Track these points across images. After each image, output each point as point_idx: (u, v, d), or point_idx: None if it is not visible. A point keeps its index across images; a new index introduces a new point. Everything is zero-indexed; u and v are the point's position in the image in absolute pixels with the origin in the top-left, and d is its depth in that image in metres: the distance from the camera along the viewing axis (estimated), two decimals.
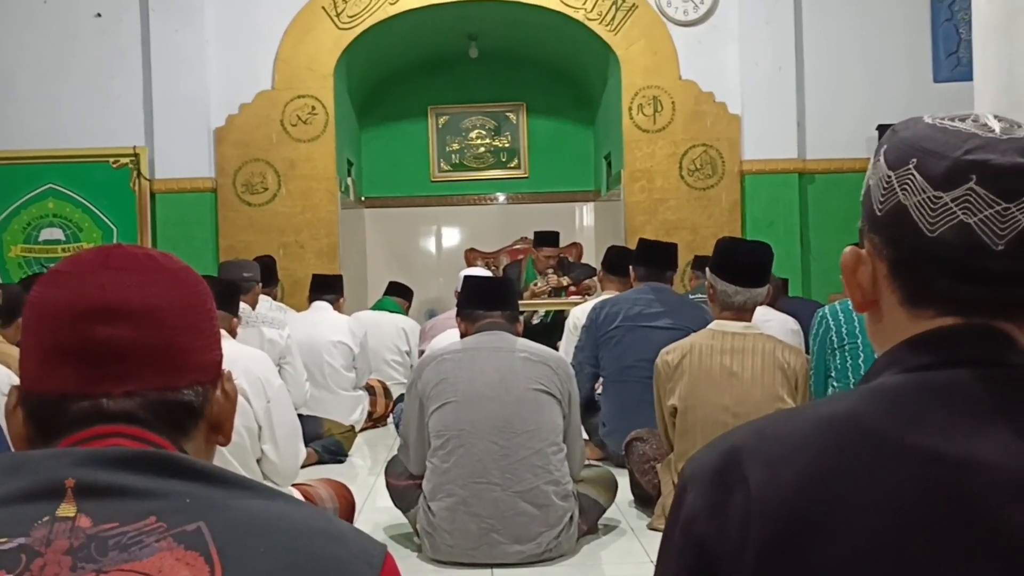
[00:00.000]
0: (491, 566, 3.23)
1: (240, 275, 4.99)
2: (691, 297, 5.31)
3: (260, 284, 5.36)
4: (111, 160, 7.08)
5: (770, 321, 4.63)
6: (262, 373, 3.15)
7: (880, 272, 0.89)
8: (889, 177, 0.87)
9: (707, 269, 3.54)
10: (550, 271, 7.29)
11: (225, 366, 0.98)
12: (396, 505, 3.54)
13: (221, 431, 0.96)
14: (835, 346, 4.08)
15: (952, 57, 7.27)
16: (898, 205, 0.85)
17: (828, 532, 0.77)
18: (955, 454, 0.77)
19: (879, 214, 0.87)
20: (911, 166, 0.85)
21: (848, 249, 0.93)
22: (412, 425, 3.40)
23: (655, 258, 4.82)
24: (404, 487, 3.47)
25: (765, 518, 0.79)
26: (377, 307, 6.85)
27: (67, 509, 0.79)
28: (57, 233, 7.08)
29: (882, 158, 0.89)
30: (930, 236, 0.83)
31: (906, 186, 0.85)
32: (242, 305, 4.76)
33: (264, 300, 5.48)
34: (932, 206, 0.83)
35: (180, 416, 0.90)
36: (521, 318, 3.67)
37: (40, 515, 0.78)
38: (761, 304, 3.58)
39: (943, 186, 0.83)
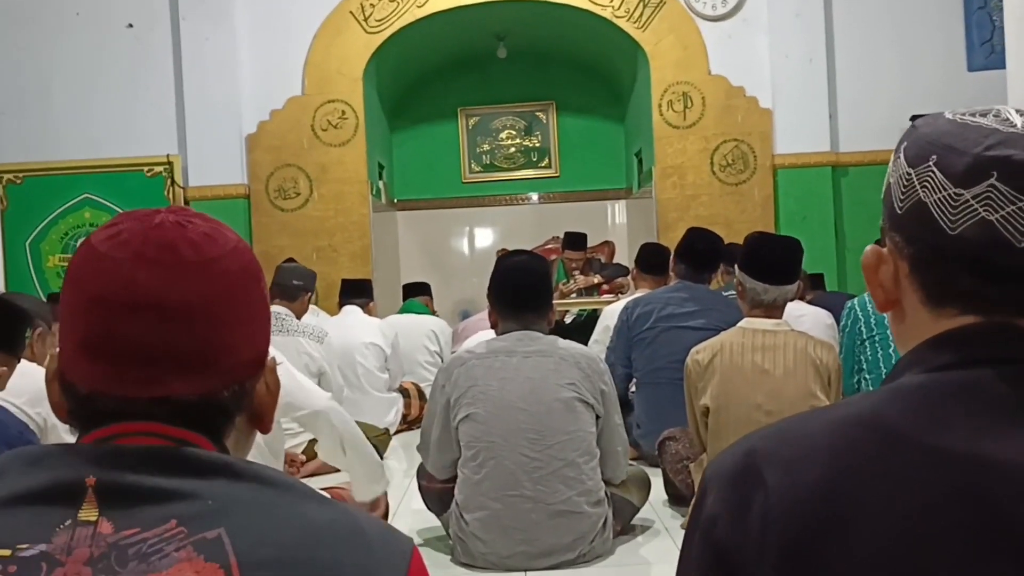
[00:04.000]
0: (525, 569, 3.23)
1: (289, 281, 4.95)
2: (724, 294, 5.25)
3: (310, 294, 5.29)
4: (145, 169, 7.16)
5: (804, 316, 4.57)
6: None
7: (902, 271, 0.88)
8: (909, 174, 0.85)
9: (736, 266, 3.51)
10: (577, 272, 7.28)
11: None
12: (429, 508, 3.53)
13: (262, 422, 0.93)
14: (863, 337, 4.04)
15: (986, 45, 7.16)
16: (918, 203, 0.84)
17: (848, 534, 0.76)
18: (977, 454, 0.75)
19: (899, 212, 0.86)
20: (931, 163, 0.83)
21: (869, 248, 0.92)
22: (435, 424, 3.33)
23: (699, 256, 4.67)
24: (437, 491, 3.45)
25: (784, 521, 0.78)
26: (404, 311, 6.87)
27: (88, 513, 0.78)
28: None
29: (902, 155, 0.88)
30: (951, 234, 0.82)
31: (926, 183, 0.83)
32: (282, 310, 4.77)
33: (312, 312, 5.44)
34: (953, 203, 0.82)
35: (214, 417, 0.88)
36: (554, 306, 3.59)
37: (61, 519, 0.78)
38: (792, 300, 3.55)
39: (964, 183, 0.81)
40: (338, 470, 4.78)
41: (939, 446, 0.77)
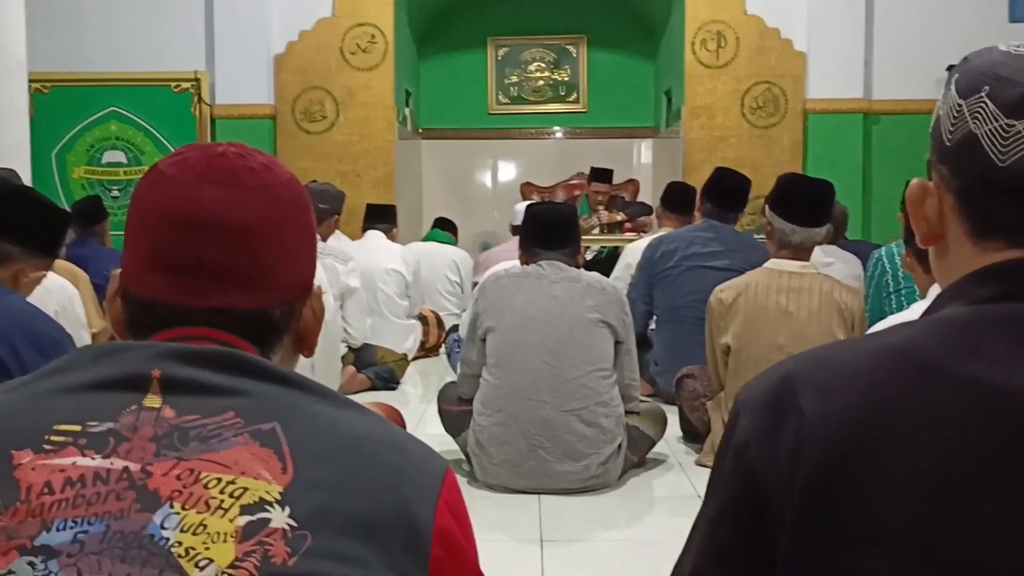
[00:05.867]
0: (538, 493, 3.28)
1: (316, 204, 4.95)
2: (757, 238, 5.22)
3: (337, 216, 5.34)
4: (173, 84, 7.13)
5: (832, 264, 4.54)
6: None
7: (947, 204, 0.87)
8: (960, 106, 0.84)
9: (766, 206, 3.49)
10: (601, 208, 7.25)
11: None
12: (447, 430, 3.60)
13: (306, 345, 0.99)
14: (890, 290, 4.02)
15: None
16: (968, 134, 0.83)
17: (881, 461, 0.76)
18: (1015, 386, 0.76)
19: (948, 144, 0.85)
20: (983, 94, 0.82)
21: (915, 181, 0.91)
22: (473, 348, 3.48)
23: (727, 195, 4.66)
24: (456, 412, 3.54)
25: (817, 446, 0.78)
26: (428, 239, 6.88)
27: (153, 400, 0.84)
28: (119, 156, 7.18)
29: (953, 87, 0.86)
30: (1001, 166, 0.81)
31: (977, 115, 0.82)
32: None
33: (339, 235, 5.48)
34: (1004, 135, 0.81)
35: (265, 331, 0.93)
36: (583, 249, 3.71)
37: (128, 403, 0.83)
38: (820, 244, 3.53)
39: (1016, 114, 0.80)
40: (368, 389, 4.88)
41: (977, 377, 0.77)
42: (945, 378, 0.77)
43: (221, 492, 0.79)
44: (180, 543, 0.77)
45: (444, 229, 7.06)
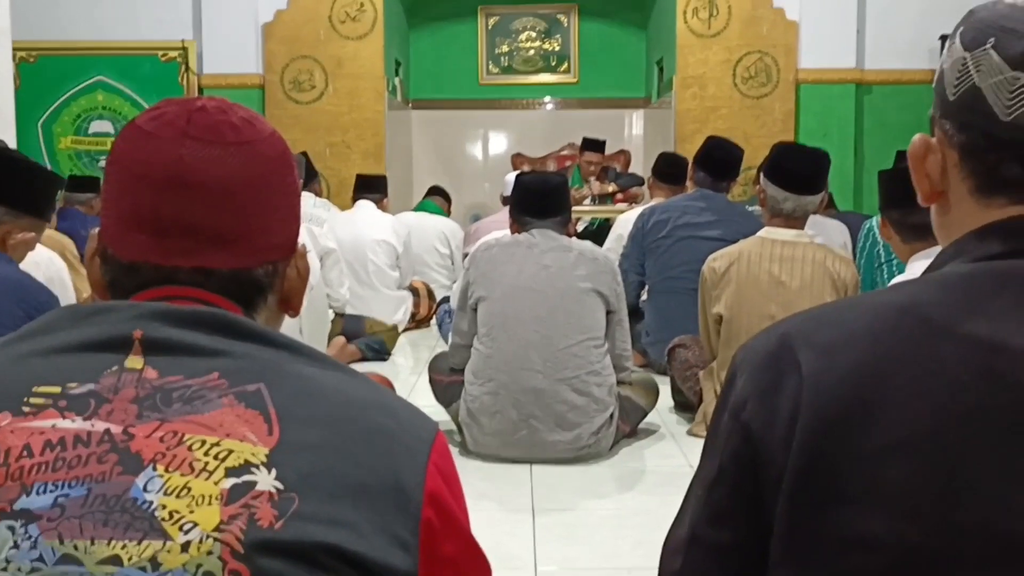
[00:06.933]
0: (530, 462, 3.28)
1: None
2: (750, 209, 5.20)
3: (302, 180, 5.35)
4: (160, 53, 7.06)
5: (816, 236, 4.51)
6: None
7: (950, 160, 0.85)
8: (964, 59, 0.82)
9: (760, 174, 3.47)
10: (592, 178, 7.21)
11: None
12: (438, 400, 3.59)
13: (291, 305, 0.97)
14: (882, 260, 4.01)
15: None
16: (973, 88, 0.81)
17: (879, 417, 0.75)
18: (1016, 344, 0.74)
19: (952, 99, 0.83)
20: (988, 46, 0.80)
21: (917, 137, 0.89)
22: (464, 318, 3.47)
23: (718, 164, 4.63)
24: (447, 383, 3.53)
25: (816, 403, 0.77)
26: (419, 209, 6.86)
27: (135, 361, 0.82)
28: (106, 126, 7.12)
29: (957, 40, 0.85)
30: (1005, 120, 0.79)
31: (982, 67, 0.81)
32: None
33: (307, 197, 5.48)
34: (1009, 88, 0.79)
35: (249, 291, 0.92)
36: (573, 219, 3.69)
37: (109, 364, 0.82)
38: (814, 213, 3.52)
39: (1022, 66, 0.78)
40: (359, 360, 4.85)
41: (977, 333, 0.75)
42: (946, 335, 0.76)
43: (205, 454, 0.77)
44: (164, 506, 0.75)
45: (437, 197, 7.03)
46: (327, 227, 5.02)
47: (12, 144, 4.59)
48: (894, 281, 2.41)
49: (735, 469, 0.82)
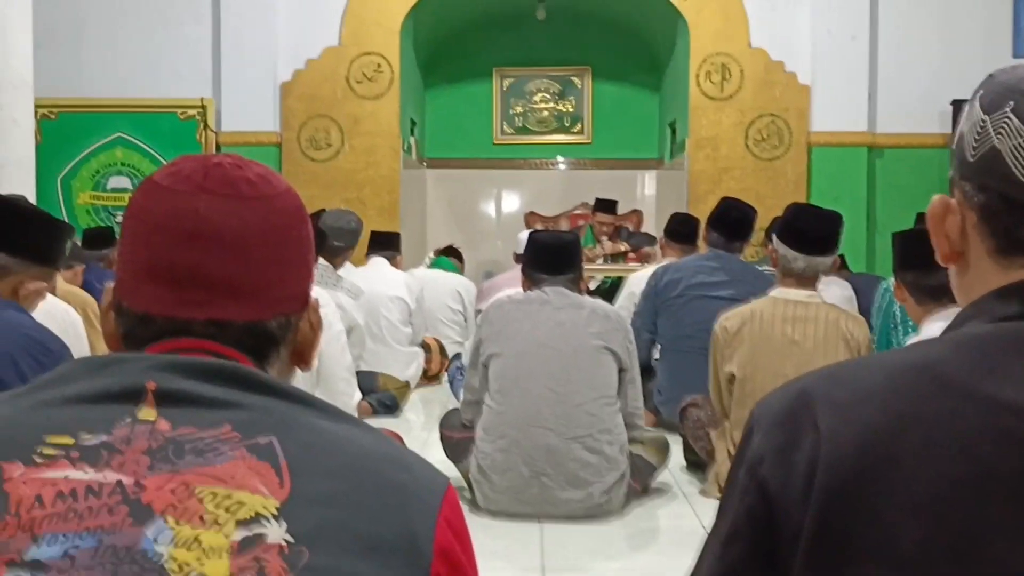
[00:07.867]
0: (540, 519, 3.25)
1: (332, 242, 4.94)
2: (761, 269, 5.20)
3: (351, 251, 5.33)
4: (179, 111, 7.16)
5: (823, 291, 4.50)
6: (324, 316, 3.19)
7: (969, 221, 0.85)
8: (984, 121, 0.83)
9: (773, 234, 3.48)
10: (604, 237, 7.24)
11: None
12: (449, 457, 3.57)
13: (303, 359, 0.98)
14: (897, 321, 3.99)
15: None
16: (992, 150, 0.82)
17: (896, 479, 0.75)
18: None
19: (971, 160, 0.84)
20: (1008, 109, 0.81)
21: (936, 197, 0.89)
22: (476, 374, 3.46)
23: (733, 225, 4.64)
24: (458, 439, 3.51)
25: (833, 463, 0.77)
26: (434, 266, 6.88)
27: (148, 412, 0.82)
28: (125, 182, 7.20)
29: (977, 102, 0.85)
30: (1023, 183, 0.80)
31: (1002, 130, 0.81)
32: (322, 262, 4.74)
33: (351, 270, 5.48)
34: None
35: (263, 343, 0.92)
36: (585, 276, 3.70)
37: (122, 416, 0.82)
38: (826, 274, 3.51)
39: None
40: (370, 415, 4.82)
41: (996, 395, 0.75)
42: (963, 396, 0.76)
43: (216, 506, 0.77)
44: (174, 558, 0.75)
45: (451, 257, 7.06)
46: (362, 300, 4.95)
47: (32, 198, 4.64)
48: (910, 341, 2.40)
49: (751, 526, 0.81)
